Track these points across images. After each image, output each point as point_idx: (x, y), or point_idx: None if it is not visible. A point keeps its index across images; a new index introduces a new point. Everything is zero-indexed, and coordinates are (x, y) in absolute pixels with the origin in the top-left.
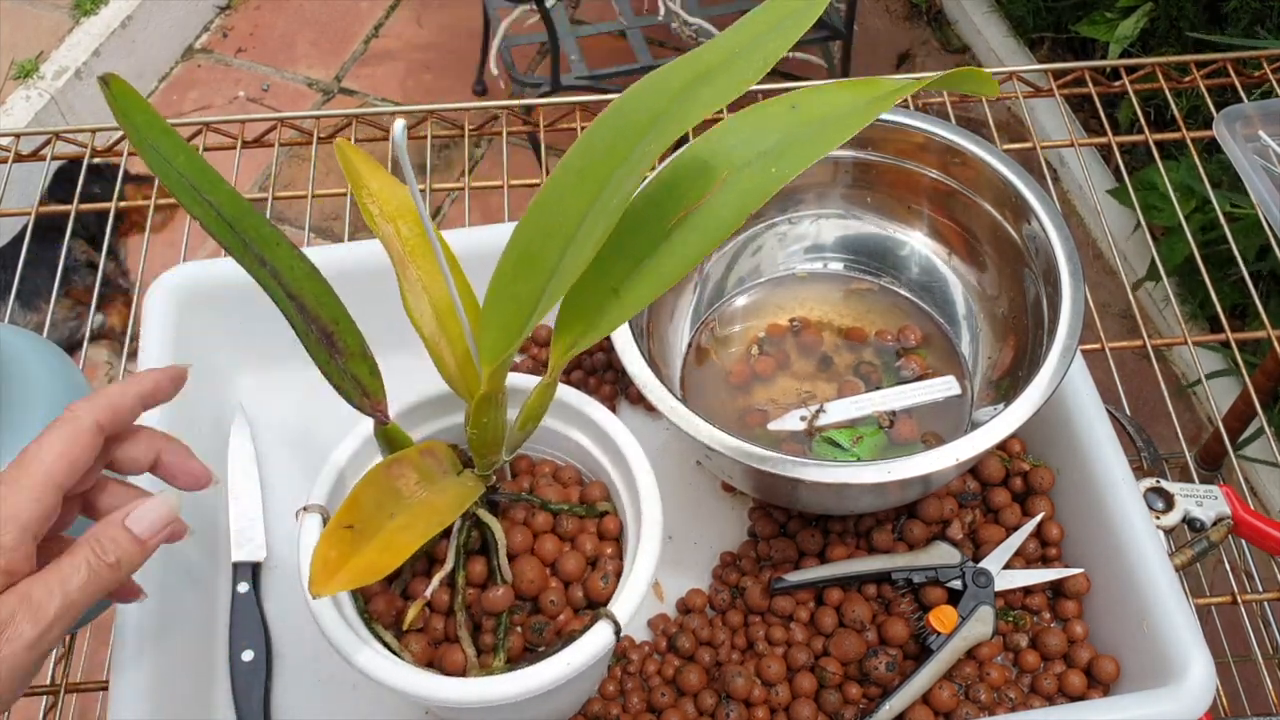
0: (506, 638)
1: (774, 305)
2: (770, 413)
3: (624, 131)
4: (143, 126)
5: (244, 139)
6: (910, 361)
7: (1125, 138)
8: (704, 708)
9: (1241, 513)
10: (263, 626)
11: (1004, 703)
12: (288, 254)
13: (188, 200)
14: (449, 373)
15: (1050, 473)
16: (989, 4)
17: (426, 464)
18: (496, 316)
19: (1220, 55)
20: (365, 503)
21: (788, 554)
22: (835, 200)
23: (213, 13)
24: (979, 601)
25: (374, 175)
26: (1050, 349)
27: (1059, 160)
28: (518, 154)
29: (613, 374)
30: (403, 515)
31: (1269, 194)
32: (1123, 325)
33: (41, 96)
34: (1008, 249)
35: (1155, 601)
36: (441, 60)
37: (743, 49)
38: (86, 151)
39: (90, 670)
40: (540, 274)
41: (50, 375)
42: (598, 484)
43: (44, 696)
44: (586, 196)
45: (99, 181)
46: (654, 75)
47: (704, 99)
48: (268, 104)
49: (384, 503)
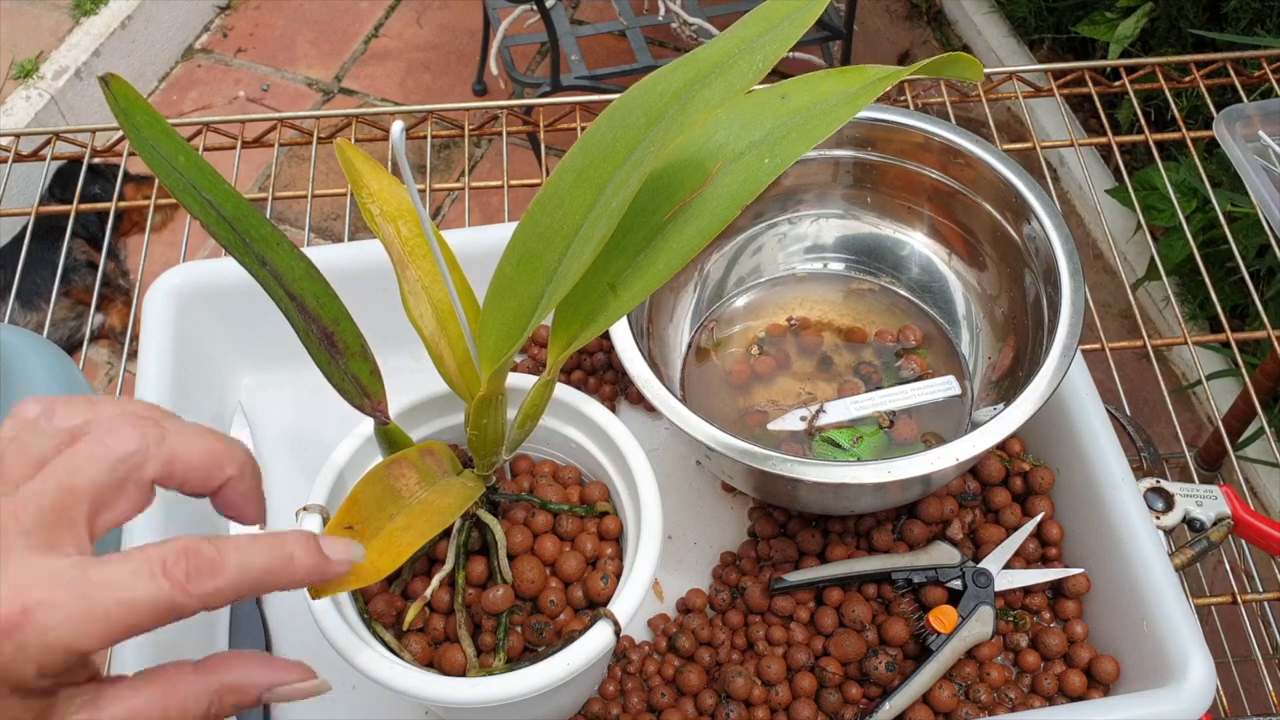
0: (506, 638)
1: (774, 305)
2: (770, 413)
3: (623, 132)
4: (143, 126)
5: (244, 139)
6: (910, 361)
7: (1125, 138)
8: (704, 708)
9: (1241, 513)
10: (263, 626)
11: (1004, 703)
12: (288, 254)
13: (188, 200)
14: (449, 373)
15: (1050, 473)
16: (989, 4)
17: (426, 464)
18: (497, 318)
19: (1220, 55)
20: (365, 503)
21: (788, 554)
22: (835, 200)
23: (213, 13)
24: (979, 601)
25: (374, 175)
26: (1050, 349)
27: (1059, 160)
28: (518, 154)
29: (613, 374)
30: (403, 516)
31: (1269, 194)
32: (1123, 325)
33: (41, 96)
34: (1008, 249)
35: (1155, 601)
36: (441, 60)
37: (742, 49)
38: (86, 151)
39: None
40: (541, 275)
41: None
42: (598, 484)
43: None
44: (587, 198)
45: (99, 181)
46: (653, 76)
47: (704, 100)
48: (268, 104)
49: (384, 503)
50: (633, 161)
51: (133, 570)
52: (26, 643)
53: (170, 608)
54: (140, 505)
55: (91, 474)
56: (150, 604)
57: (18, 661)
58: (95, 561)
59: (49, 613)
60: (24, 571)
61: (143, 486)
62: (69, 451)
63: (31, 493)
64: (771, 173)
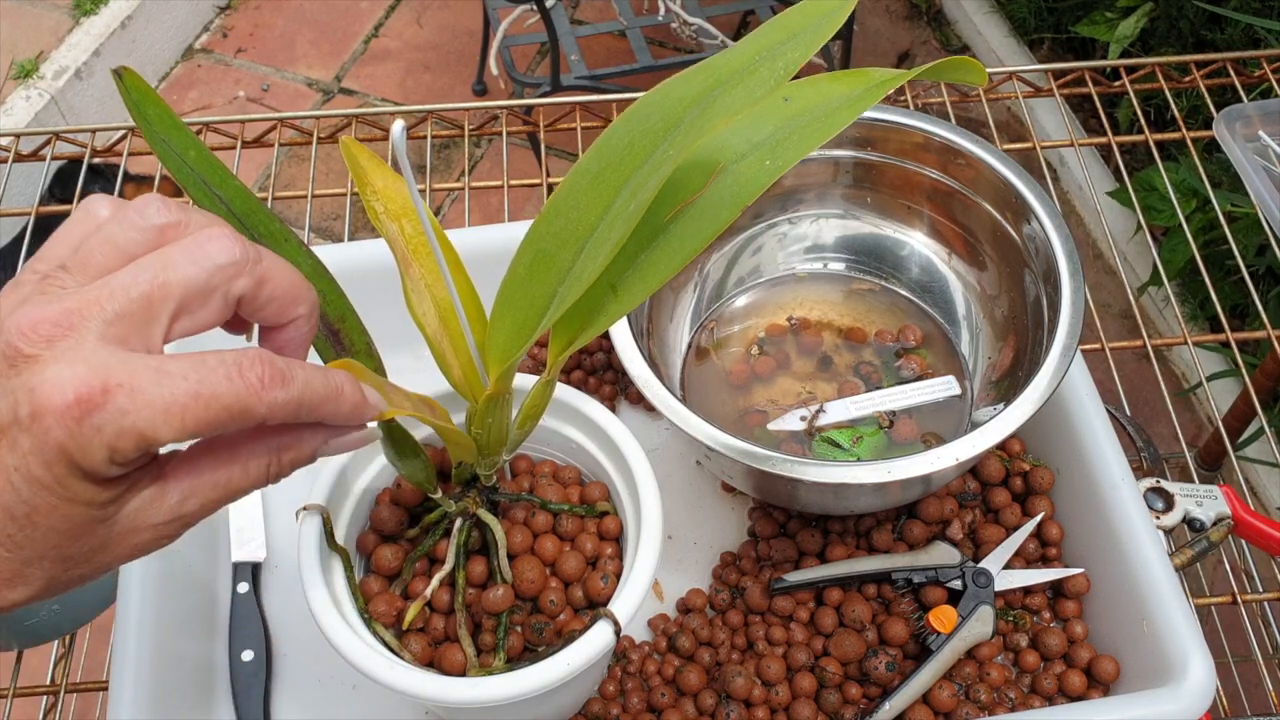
0: (506, 638)
1: (774, 305)
2: (770, 413)
3: (641, 136)
4: (155, 120)
5: (244, 139)
6: (910, 361)
7: (1125, 138)
8: (704, 708)
9: (1241, 513)
10: (263, 626)
11: (1004, 703)
12: (296, 250)
13: (198, 194)
14: (452, 373)
15: (1050, 473)
16: (989, 4)
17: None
18: (508, 318)
19: (1220, 55)
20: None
21: (788, 554)
22: (835, 200)
23: (213, 13)
24: (979, 601)
25: (379, 173)
26: (1050, 349)
27: (1059, 160)
28: (518, 154)
29: (613, 374)
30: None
31: (1269, 194)
32: (1123, 325)
33: (41, 96)
34: (1008, 249)
35: (1155, 601)
36: (441, 60)
37: (763, 56)
38: (86, 151)
39: (90, 670)
40: (554, 276)
41: None
42: (598, 484)
43: (44, 696)
44: (602, 200)
45: (99, 181)
46: (671, 81)
47: (723, 106)
48: (268, 104)
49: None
50: (650, 166)
51: (211, 368)
52: (103, 425)
53: (242, 409)
54: (219, 318)
55: (188, 274)
56: (226, 402)
57: (92, 444)
58: (172, 357)
59: (128, 396)
60: (103, 356)
61: (229, 299)
62: (167, 249)
63: (120, 283)
64: (773, 175)
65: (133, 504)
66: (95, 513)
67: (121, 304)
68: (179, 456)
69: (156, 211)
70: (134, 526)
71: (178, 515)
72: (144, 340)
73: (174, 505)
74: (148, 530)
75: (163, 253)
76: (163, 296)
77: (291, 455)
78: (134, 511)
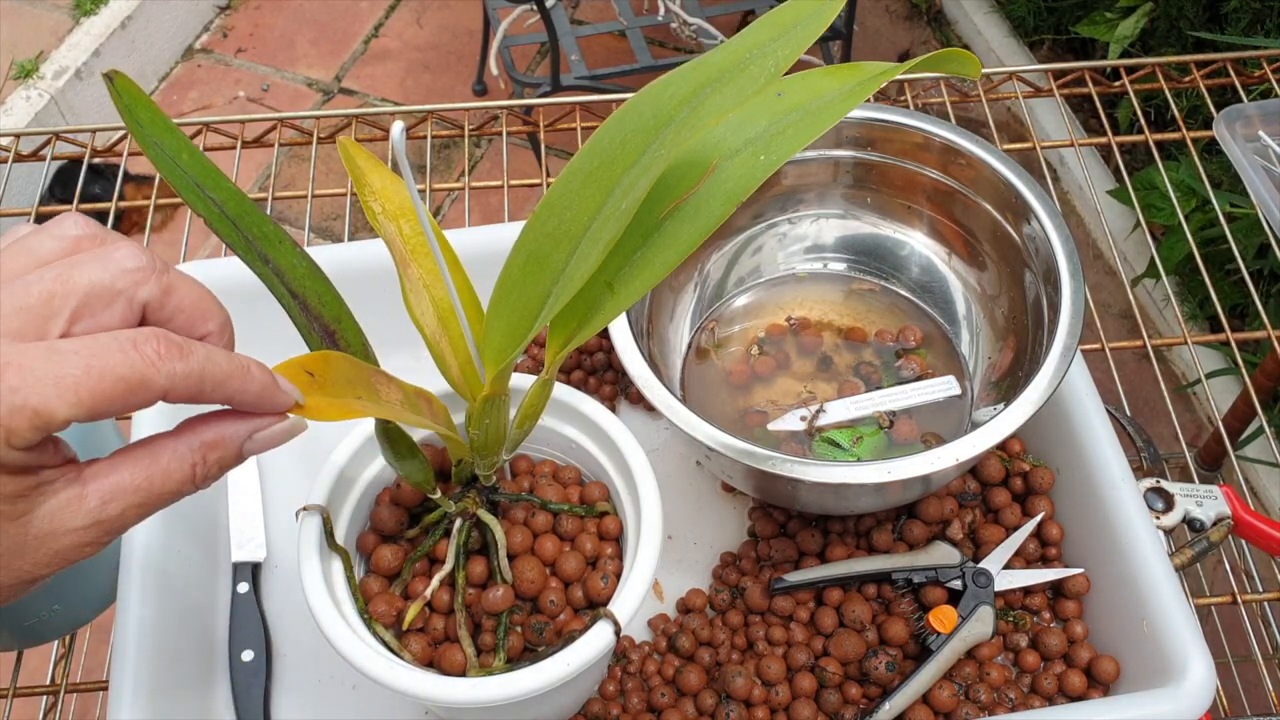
0: (506, 638)
1: (774, 305)
2: (770, 413)
3: (633, 135)
4: (147, 123)
5: (244, 139)
6: (910, 361)
7: (1125, 138)
8: (704, 708)
9: (1241, 513)
10: (263, 626)
11: (1004, 703)
12: (290, 252)
13: (192, 198)
14: (451, 373)
15: (1050, 473)
16: (989, 4)
17: (417, 401)
18: (502, 318)
19: (1220, 55)
20: (338, 374)
21: (788, 554)
22: (835, 200)
23: (213, 13)
24: (979, 601)
25: (377, 173)
26: (1050, 349)
27: (1059, 160)
28: (518, 154)
29: (613, 374)
30: (369, 401)
31: (1269, 194)
32: (1123, 325)
33: (41, 96)
34: (1008, 249)
35: (1155, 601)
36: (441, 60)
37: (754, 54)
38: (86, 151)
39: (90, 670)
40: (548, 276)
41: None
42: (598, 484)
43: (44, 696)
44: (595, 199)
45: (99, 181)
46: (663, 80)
47: (715, 104)
48: (268, 104)
49: (356, 386)
50: (642, 164)
51: (104, 344)
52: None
53: (139, 380)
54: (123, 323)
55: (93, 274)
56: (121, 373)
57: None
58: (66, 340)
59: (17, 374)
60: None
61: (134, 305)
62: (76, 255)
63: (24, 283)
64: (767, 169)
65: (48, 505)
66: (4, 507)
67: (20, 299)
68: (99, 461)
69: (74, 225)
70: (51, 530)
71: (97, 520)
72: (40, 335)
73: (93, 509)
74: (67, 535)
75: (72, 258)
76: (64, 293)
77: (217, 455)
78: (50, 513)
